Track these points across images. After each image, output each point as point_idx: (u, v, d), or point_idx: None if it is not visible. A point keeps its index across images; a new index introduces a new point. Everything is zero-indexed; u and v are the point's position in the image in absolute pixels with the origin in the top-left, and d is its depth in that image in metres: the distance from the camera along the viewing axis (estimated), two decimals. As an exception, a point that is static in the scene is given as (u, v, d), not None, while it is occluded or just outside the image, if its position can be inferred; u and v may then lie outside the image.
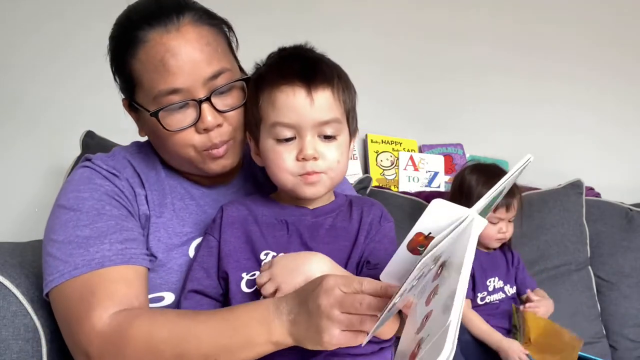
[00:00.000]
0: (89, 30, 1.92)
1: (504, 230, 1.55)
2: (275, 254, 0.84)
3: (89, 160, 0.96)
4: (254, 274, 0.83)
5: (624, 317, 1.79)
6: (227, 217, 0.87)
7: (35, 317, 0.97)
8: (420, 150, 2.13)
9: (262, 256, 0.84)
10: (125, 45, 0.87)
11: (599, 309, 1.79)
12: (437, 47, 2.20)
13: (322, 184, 0.85)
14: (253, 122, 0.88)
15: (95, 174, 0.93)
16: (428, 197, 1.88)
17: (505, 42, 2.25)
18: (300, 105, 0.82)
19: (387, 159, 2.06)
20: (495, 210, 1.53)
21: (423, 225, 0.72)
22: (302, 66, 0.84)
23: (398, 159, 2.06)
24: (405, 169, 2.05)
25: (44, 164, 1.84)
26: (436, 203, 0.69)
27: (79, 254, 0.85)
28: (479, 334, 1.47)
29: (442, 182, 2.07)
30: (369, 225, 0.88)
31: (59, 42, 1.91)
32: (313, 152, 0.82)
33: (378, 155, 2.06)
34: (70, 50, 1.91)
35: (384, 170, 2.05)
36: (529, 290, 1.56)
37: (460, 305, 0.55)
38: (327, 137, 0.84)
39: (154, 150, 0.99)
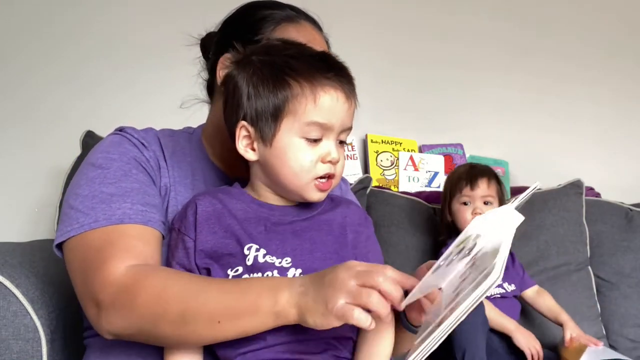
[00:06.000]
0: (89, 31, 1.93)
1: (479, 211, 1.55)
2: (258, 247, 0.82)
3: (121, 129, 0.99)
4: (238, 270, 0.82)
5: (624, 317, 1.79)
6: (201, 212, 0.84)
7: (35, 317, 0.97)
8: (420, 150, 2.13)
9: (245, 250, 0.82)
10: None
11: (599, 309, 1.79)
12: (438, 47, 2.21)
13: (329, 190, 0.86)
14: (264, 111, 0.82)
15: (126, 140, 0.96)
16: (428, 197, 1.88)
17: (506, 42, 2.25)
18: (340, 109, 0.83)
19: (387, 159, 2.06)
20: (461, 190, 1.60)
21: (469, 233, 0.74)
22: (339, 69, 0.84)
23: (398, 159, 2.06)
24: (405, 169, 2.05)
25: (44, 164, 1.84)
26: (475, 221, 0.72)
27: (101, 208, 0.86)
28: (494, 324, 1.49)
29: (442, 182, 2.07)
30: (357, 225, 0.88)
31: (59, 43, 1.91)
32: (338, 156, 0.84)
33: (378, 155, 2.06)
34: (71, 50, 1.91)
35: (384, 170, 2.05)
36: (568, 334, 1.57)
37: (504, 254, 0.61)
38: (340, 143, 0.86)
39: (186, 137, 1.04)
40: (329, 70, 0.83)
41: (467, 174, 1.61)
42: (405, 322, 0.82)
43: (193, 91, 1.10)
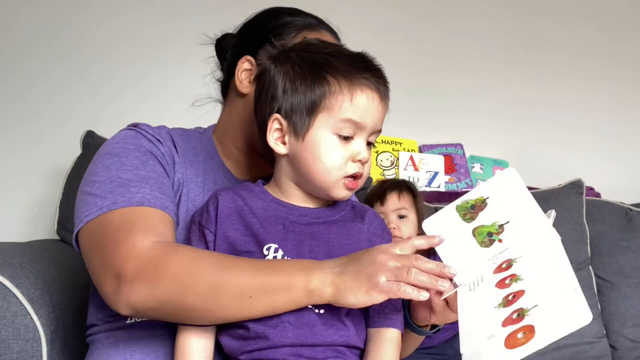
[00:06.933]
0: (92, 33, 1.93)
1: (393, 225, 1.42)
2: (276, 246, 0.83)
3: (135, 125, 0.99)
4: None
5: (624, 317, 1.79)
6: (223, 207, 0.85)
7: (35, 317, 0.97)
8: (420, 150, 2.13)
9: (264, 250, 0.83)
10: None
11: (599, 309, 1.79)
12: (437, 46, 2.21)
13: (355, 190, 0.87)
14: (300, 106, 0.83)
15: (140, 136, 0.96)
16: (428, 197, 1.88)
17: (506, 42, 2.25)
18: (374, 110, 0.84)
19: (387, 159, 2.06)
20: (373, 208, 1.45)
21: (488, 190, 0.82)
22: (376, 71, 0.86)
23: (398, 159, 2.06)
24: (405, 169, 2.05)
25: (44, 164, 1.84)
26: (511, 172, 0.84)
27: (120, 192, 0.86)
28: None
29: (442, 182, 2.07)
30: (373, 234, 0.89)
31: (60, 43, 1.91)
32: (367, 156, 0.85)
33: (378, 155, 2.06)
34: (71, 50, 1.91)
35: (384, 170, 2.05)
36: None
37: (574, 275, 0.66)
38: (368, 144, 0.87)
39: (197, 137, 1.05)
40: (367, 70, 0.85)
41: (377, 190, 1.51)
42: (410, 322, 0.83)
43: (197, 91, 1.11)
